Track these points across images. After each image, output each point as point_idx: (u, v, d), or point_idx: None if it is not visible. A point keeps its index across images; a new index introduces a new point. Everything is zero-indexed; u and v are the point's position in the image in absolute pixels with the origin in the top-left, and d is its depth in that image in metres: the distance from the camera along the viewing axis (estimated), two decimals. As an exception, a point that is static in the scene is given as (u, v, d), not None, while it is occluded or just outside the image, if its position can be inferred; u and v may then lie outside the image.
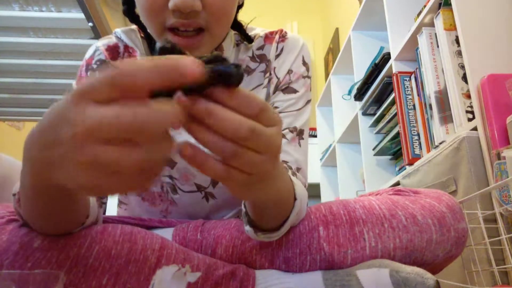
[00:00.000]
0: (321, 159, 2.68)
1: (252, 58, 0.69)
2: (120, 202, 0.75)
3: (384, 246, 0.52)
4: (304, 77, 0.68)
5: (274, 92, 0.68)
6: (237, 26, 0.70)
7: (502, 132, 0.96)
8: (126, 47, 0.68)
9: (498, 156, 0.92)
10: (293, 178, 0.51)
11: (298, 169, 0.63)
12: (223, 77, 0.29)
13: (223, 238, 0.57)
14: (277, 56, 0.69)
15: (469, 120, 1.09)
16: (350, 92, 2.27)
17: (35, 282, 0.39)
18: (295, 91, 0.66)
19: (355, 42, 2.13)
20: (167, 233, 0.60)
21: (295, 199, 0.48)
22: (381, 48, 1.92)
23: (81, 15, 1.49)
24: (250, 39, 0.70)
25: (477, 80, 1.04)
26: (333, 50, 3.11)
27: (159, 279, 0.48)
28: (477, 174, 0.97)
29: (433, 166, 1.16)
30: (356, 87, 2.01)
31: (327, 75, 3.23)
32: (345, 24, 2.91)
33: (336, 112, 2.48)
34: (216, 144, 0.30)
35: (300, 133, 0.65)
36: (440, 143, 1.22)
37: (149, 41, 0.68)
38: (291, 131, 0.64)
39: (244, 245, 0.55)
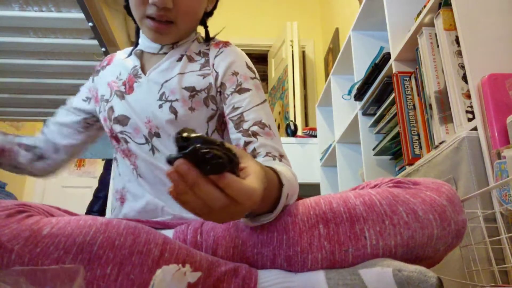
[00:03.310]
0: (321, 159, 2.69)
1: (198, 53, 0.87)
2: (114, 159, 0.89)
3: (385, 244, 0.52)
4: (252, 78, 0.81)
5: (220, 91, 0.81)
6: (205, 28, 0.91)
7: (502, 132, 0.96)
8: (110, 59, 0.94)
9: (498, 156, 0.92)
10: (278, 165, 0.57)
11: (282, 156, 0.72)
12: (215, 165, 0.39)
13: (223, 239, 0.57)
14: (216, 56, 0.84)
15: (469, 120, 1.09)
16: (350, 92, 2.27)
17: (54, 277, 0.39)
18: (248, 90, 0.78)
19: (355, 42, 2.13)
20: (167, 235, 0.60)
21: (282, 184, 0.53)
22: (381, 48, 1.92)
23: (81, 15, 1.49)
24: (208, 38, 0.90)
25: (477, 80, 1.04)
26: (333, 50, 3.12)
27: (159, 279, 0.48)
28: (477, 174, 0.97)
29: (433, 166, 1.16)
30: (356, 87, 2.01)
31: (327, 75, 3.23)
32: (345, 24, 2.91)
33: (336, 112, 2.48)
34: (194, 203, 0.40)
35: (269, 128, 0.75)
36: (440, 143, 1.22)
37: (137, 31, 0.91)
38: (261, 127, 0.74)
39: (245, 245, 0.55)
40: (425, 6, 1.35)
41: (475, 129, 1.03)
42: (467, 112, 1.11)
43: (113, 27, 1.60)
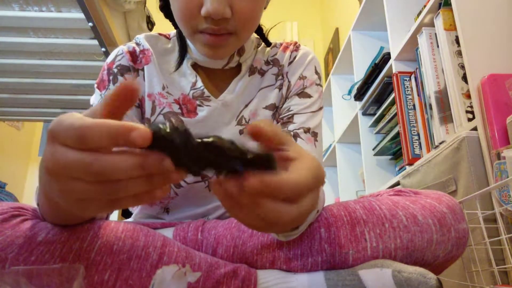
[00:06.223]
0: (321, 159, 2.69)
1: (266, 62, 0.76)
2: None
3: (385, 246, 0.52)
4: (317, 84, 0.74)
5: (287, 96, 0.73)
6: (258, 29, 0.76)
7: (502, 132, 0.96)
8: (142, 50, 0.72)
9: (498, 156, 0.92)
10: None
11: None
12: (263, 163, 0.32)
13: (224, 238, 0.57)
14: (290, 63, 0.75)
15: (469, 120, 1.09)
16: (350, 92, 2.27)
17: (53, 276, 0.39)
18: (309, 96, 0.72)
19: (355, 42, 2.13)
20: (167, 233, 0.60)
21: None
22: (381, 48, 1.92)
23: (81, 15, 1.49)
24: (268, 42, 0.77)
25: (477, 80, 1.04)
26: (333, 50, 3.11)
27: (159, 279, 0.48)
28: (477, 174, 0.97)
29: (433, 166, 1.16)
30: (356, 87, 2.01)
31: (327, 75, 3.23)
32: (345, 24, 2.91)
33: (336, 112, 2.48)
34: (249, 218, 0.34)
35: (314, 135, 0.69)
36: (440, 143, 1.22)
37: (181, 39, 0.73)
38: (305, 132, 0.68)
39: (245, 245, 0.55)
40: (425, 6, 1.35)
41: (475, 129, 1.03)
42: (467, 112, 1.11)
43: (113, 27, 1.60)
